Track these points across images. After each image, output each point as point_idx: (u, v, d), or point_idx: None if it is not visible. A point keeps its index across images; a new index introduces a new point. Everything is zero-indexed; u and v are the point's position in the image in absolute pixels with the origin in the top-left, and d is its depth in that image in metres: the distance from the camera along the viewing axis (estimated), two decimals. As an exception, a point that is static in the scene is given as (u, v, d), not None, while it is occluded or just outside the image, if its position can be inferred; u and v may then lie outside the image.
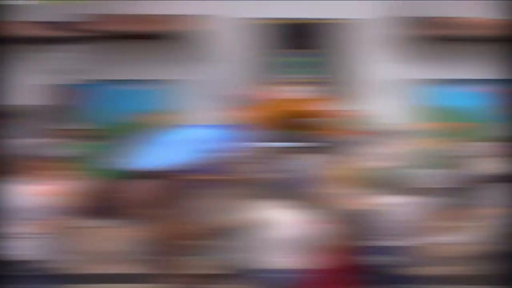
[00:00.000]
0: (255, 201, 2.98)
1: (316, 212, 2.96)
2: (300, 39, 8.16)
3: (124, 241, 4.29)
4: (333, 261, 3.03)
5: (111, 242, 5.58)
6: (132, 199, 4.13)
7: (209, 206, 3.27)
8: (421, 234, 3.24)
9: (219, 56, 7.88)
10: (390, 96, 8.21)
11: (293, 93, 7.63)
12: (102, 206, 6.57)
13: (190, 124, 3.28)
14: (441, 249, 5.22)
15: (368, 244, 2.83)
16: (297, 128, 8.16)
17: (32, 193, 2.99)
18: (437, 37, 7.79)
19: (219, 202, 3.25)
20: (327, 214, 3.04)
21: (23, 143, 4.18)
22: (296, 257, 2.75)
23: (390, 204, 3.14)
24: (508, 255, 3.90)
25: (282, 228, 2.71)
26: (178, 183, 3.32)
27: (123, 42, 7.56)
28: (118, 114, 7.86)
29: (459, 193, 5.64)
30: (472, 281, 4.41)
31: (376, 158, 7.26)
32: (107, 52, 7.62)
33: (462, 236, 5.73)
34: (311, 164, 4.73)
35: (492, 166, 6.88)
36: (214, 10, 7.81)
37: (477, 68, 8.27)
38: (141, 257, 3.19)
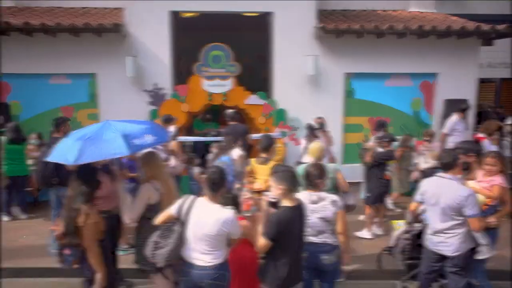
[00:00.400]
0: (181, 196, 3.03)
1: (239, 207, 3.11)
2: (218, 33, 8.02)
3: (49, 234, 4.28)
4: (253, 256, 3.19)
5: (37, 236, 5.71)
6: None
7: (134, 201, 3.31)
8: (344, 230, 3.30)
9: (140, 50, 7.94)
10: (314, 90, 8.36)
11: (213, 87, 7.67)
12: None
13: (112, 119, 3.24)
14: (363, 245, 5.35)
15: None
16: (217, 121, 8.11)
17: None
18: (361, 31, 7.80)
19: (143, 197, 3.25)
20: (249, 210, 3.14)
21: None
22: (219, 252, 2.81)
23: (313, 200, 3.19)
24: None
25: (204, 223, 2.74)
26: (105, 177, 3.40)
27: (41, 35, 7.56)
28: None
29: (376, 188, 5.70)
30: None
31: (300, 152, 7.27)
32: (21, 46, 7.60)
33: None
34: (233, 159, 4.73)
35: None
36: (135, 3, 7.83)
37: (403, 62, 8.44)
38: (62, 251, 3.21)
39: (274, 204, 2.86)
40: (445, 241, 3.48)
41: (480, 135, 7.34)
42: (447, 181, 3.47)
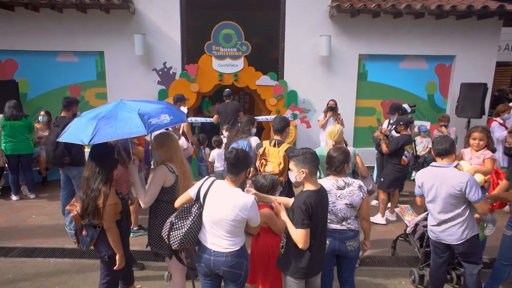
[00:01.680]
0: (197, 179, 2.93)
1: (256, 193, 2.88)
2: (228, 12, 7.69)
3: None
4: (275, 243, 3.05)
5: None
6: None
7: (150, 184, 3.17)
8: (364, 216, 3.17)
9: (148, 28, 7.72)
10: (326, 71, 8.09)
11: (223, 66, 7.46)
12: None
13: (123, 98, 3.11)
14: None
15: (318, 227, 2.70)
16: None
17: None
18: (377, 10, 7.48)
19: (159, 180, 3.13)
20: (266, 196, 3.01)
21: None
22: (236, 238, 2.67)
23: (340, 185, 3.07)
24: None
25: (222, 207, 2.61)
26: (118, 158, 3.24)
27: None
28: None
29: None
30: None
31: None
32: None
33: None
34: (251, 146, 4.62)
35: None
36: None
37: (419, 44, 8.14)
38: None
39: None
40: (448, 230, 3.34)
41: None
42: (443, 170, 3.30)
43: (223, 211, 2.55)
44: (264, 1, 8.53)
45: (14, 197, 6.48)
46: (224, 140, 6.12)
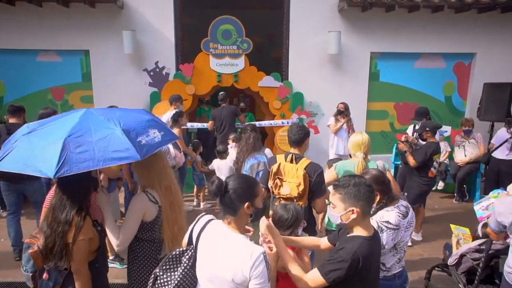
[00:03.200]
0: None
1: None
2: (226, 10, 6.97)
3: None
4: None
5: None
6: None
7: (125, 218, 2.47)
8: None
9: (139, 24, 6.94)
10: (335, 71, 7.35)
11: (222, 66, 6.69)
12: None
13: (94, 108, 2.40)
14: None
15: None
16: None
17: None
18: (392, 4, 6.75)
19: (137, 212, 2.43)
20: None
21: None
22: None
23: (403, 212, 2.45)
24: None
25: (217, 262, 1.82)
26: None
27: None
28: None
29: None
30: None
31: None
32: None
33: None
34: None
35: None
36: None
37: (436, 41, 7.41)
38: None
39: None
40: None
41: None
42: None
43: (219, 267, 1.75)
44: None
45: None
46: (230, 151, 5.31)
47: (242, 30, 6.73)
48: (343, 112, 6.53)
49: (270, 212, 3.09)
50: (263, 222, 1.99)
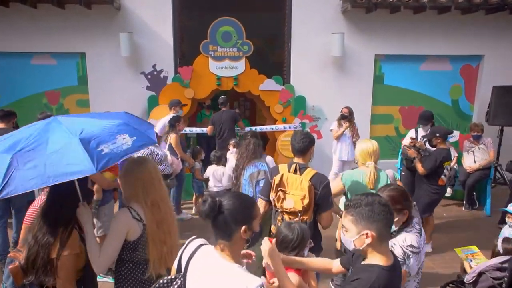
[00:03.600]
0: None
1: None
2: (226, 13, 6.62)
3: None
4: None
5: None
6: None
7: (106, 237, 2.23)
8: None
9: (136, 25, 6.71)
10: (338, 74, 7.11)
11: (222, 69, 6.46)
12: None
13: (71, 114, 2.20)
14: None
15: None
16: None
17: None
18: (397, 4, 6.51)
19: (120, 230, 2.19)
20: None
21: None
22: None
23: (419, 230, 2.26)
24: None
25: None
26: None
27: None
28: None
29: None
30: None
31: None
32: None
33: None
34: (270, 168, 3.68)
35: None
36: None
37: (442, 43, 7.18)
38: None
39: None
40: None
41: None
42: None
43: None
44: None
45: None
46: (230, 157, 5.07)
47: (242, 32, 6.52)
48: (347, 117, 6.32)
49: (272, 227, 2.86)
50: (266, 244, 1.76)
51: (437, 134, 4.57)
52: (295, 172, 2.75)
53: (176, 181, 5.29)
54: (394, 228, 2.18)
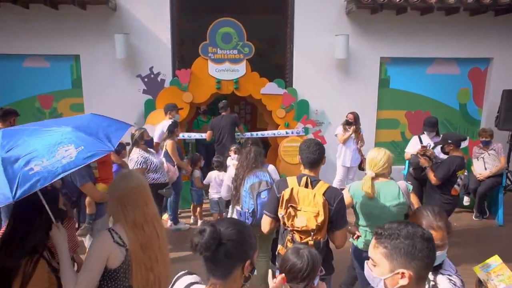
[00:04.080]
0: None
1: None
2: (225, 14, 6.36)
3: None
4: None
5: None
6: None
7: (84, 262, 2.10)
8: None
9: (132, 27, 6.45)
10: (342, 77, 6.85)
11: (221, 72, 6.17)
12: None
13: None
14: None
15: None
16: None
17: None
18: (403, 5, 6.24)
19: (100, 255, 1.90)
20: None
21: None
22: None
23: None
24: None
25: None
26: None
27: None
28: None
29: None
30: None
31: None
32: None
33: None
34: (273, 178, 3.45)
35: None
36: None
37: (449, 45, 6.89)
38: None
39: None
40: None
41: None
42: None
43: None
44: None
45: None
46: (230, 165, 4.77)
47: (243, 33, 6.26)
48: (352, 123, 6.08)
49: (279, 247, 2.57)
50: (279, 283, 1.48)
51: (450, 141, 4.30)
52: (306, 185, 2.47)
53: (173, 190, 5.02)
54: None
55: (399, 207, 2.85)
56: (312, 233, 2.34)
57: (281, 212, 2.47)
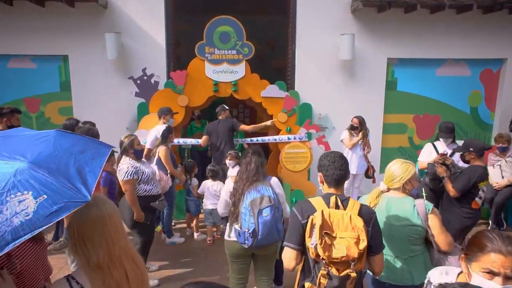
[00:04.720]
0: None
1: None
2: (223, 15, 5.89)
3: None
4: None
5: None
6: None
7: None
8: None
9: (124, 25, 6.06)
10: (347, 79, 6.47)
11: (219, 74, 5.78)
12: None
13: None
14: None
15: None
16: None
17: None
18: (413, 3, 5.90)
19: None
20: None
21: None
22: None
23: None
24: None
25: None
26: None
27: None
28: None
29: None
30: None
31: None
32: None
33: None
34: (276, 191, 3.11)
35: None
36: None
37: (460, 46, 6.52)
38: None
39: None
40: None
41: None
42: None
43: None
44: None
45: None
46: (229, 175, 4.33)
47: (242, 33, 5.87)
48: (357, 128, 5.72)
49: (308, 284, 2.11)
50: None
51: (471, 149, 3.90)
52: (336, 206, 2.06)
53: (166, 201, 4.60)
54: None
55: (412, 229, 2.45)
56: (352, 263, 1.93)
57: (311, 242, 2.01)
